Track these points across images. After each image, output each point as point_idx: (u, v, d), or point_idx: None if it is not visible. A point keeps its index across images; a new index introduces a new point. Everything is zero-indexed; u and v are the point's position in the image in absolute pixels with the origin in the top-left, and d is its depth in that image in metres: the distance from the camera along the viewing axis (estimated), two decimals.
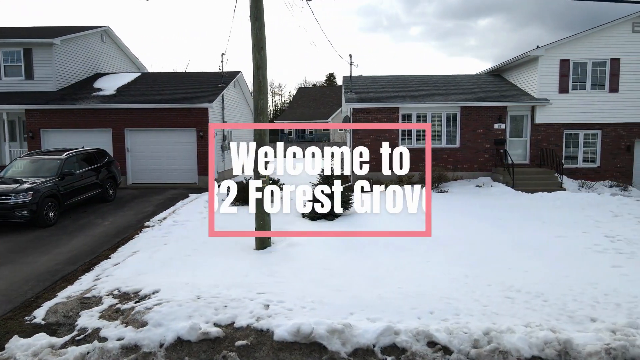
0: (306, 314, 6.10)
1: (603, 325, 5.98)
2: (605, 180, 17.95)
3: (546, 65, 18.03)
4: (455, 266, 8.57)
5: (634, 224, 11.53)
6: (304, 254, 9.47)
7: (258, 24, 9.66)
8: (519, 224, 11.60)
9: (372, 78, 22.12)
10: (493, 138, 18.67)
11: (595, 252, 9.19)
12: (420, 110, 18.73)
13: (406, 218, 12.80)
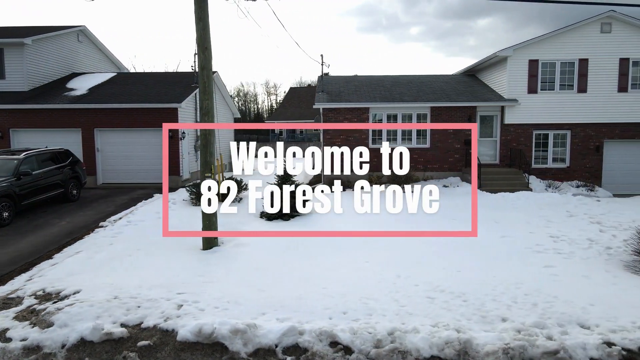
0: (216, 314, 6.13)
1: (511, 325, 6.02)
2: (574, 181, 18.00)
3: (515, 65, 18.07)
4: (391, 267, 8.60)
5: (585, 224, 11.57)
6: (246, 254, 9.49)
7: (202, 25, 9.68)
8: (468, 224, 11.62)
9: (346, 78, 22.15)
10: (463, 138, 18.71)
11: (533, 253, 9.22)
12: (390, 111, 18.76)
13: (370, 218, 12.91)
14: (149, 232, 11.10)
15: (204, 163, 10.04)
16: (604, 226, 11.35)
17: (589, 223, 11.69)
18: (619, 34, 17.73)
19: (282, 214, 12.62)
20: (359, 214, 13.19)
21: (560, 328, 5.93)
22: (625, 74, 17.89)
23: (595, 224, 11.56)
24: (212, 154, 10.11)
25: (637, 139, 18.35)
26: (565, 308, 6.47)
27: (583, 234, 10.49)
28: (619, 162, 18.61)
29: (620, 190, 18.26)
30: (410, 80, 21.55)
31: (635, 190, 18.36)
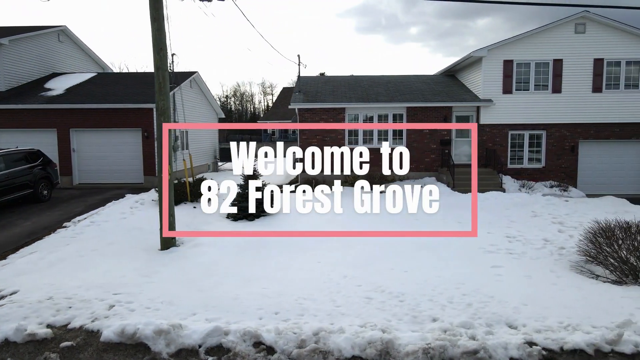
0: (145, 314, 6.14)
1: (440, 325, 6.04)
2: (549, 181, 18.04)
3: (490, 65, 18.11)
4: (341, 267, 8.63)
5: (546, 224, 11.61)
6: (201, 254, 9.51)
7: (157, 25, 9.69)
8: (433, 224, 11.65)
9: (325, 78, 22.17)
10: (439, 138, 18.75)
11: (485, 253, 9.26)
12: (366, 111, 18.79)
13: (334, 217, 12.93)
14: (110, 233, 11.10)
15: (160, 163, 10.05)
16: (564, 226, 11.38)
17: (551, 223, 11.72)
18: (594, 35, 17.78)
19: (247, 214, 12.63)
20: (325, 213, 13.21)
21: (487, 328, 5.95)
22: (600, 74, 17.94)
23: (556, 224, 11.59)
24: (168, 155, 10.11)
25: (611, 139, 18.41)
26: (497, 308, 6.49)
27: (540, 234, 10.52)
28: (594, 162, 18.67)
29: (595, 190, 18.32)
30: (388, 80, 21.58)
31: (610, 190, 18.40)
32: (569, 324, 5.98)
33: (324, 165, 18.87)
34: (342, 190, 16.73)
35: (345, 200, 14.96)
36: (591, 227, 8.64)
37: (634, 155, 18.60)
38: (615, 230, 8.31)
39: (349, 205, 14.10)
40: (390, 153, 18.75)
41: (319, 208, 13.78)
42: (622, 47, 17.75)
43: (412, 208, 13.52)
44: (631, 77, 17.96)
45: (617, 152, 18.60)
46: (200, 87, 24.84)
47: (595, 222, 8.62)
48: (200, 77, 23.83)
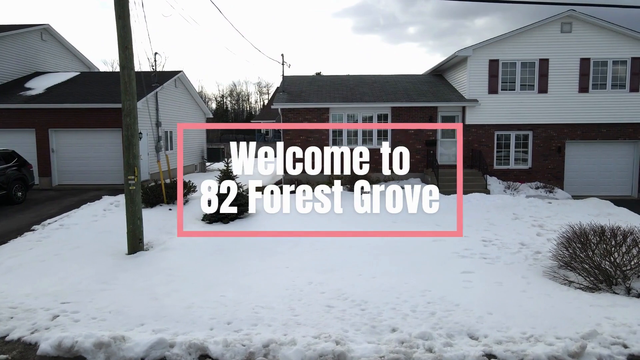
0: (89, 325, 5.86)
1: (398, 336, 5.77)
2: (535, 182, 17.81)
3: (475, 65, 17.86)
4: (309, 271, 8.37)
5: (525, 227, 11.36)
6: (167, 259, 9.24)
7: (122, 23, 9.40)
8: (409, 227, 11.40)
9: (310, 78, 21.90)
10: (424, 139, 18.50)
11: (458, 257, 9.00)
12: (350, 111, 18.53)
13: (317, 218, 12.65)
14: (78, 236, 10.81)
15: (127, 164, 9.77)
16: (544, 229, 11.15)
17: (531, 226, 11.48)
18: (580, 34, 17.55)
19: (222, 215, 12.35)
20: (304, 214, 12.94)
21: (447, 339, 5.69)
22: (586, 74, 17.72)
23: (536, 227, 11.35)
24: (135, 156, 9.83)
25: (598, 140, 18.20)
26: (461, 317, 6.23)
27: (518, 238, 10.27)
28: (581, 163, 18.45)
29: (582, 192, 18.11)
30: (374, 80, 21.32)
31: (597, 192, 18.21)
32: (532, 335, 5.72)
33: (308, 165, 18.58)
34: (323, 191, 16.47)
35: (329, 201, 14.71)
36: (566, 232, 8.38)
37: (621, 156, 18.39)
38: (590, 235, 8.07)
39: (331, 206, 13.83)
40: (391, 154, 18.50)
41: (299, 209, 13.52)
42: (609, 47, 17.53)
43: (392, 209, 13.27)
44: (618, 77, 17.74)
45: (604, 153, 18.39)
46: (186, 87, 24.53)
47: (569, 226, 8.37)
48: (185, 76, 23.52)
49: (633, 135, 18.08)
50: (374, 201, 14.66)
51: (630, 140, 18.20)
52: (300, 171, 18.57)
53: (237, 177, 13.23)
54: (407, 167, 18.58)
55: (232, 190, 12.65)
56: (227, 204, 12.25)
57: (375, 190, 16.66)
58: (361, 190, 16.59)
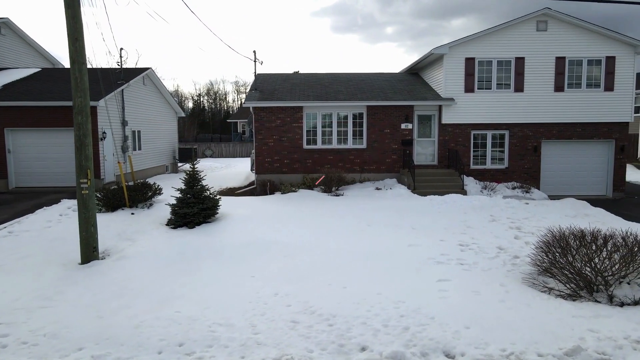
0: (16, 352, 5.16)
1: (367, 356, 5.26)
2: (511, 182, 17.60)
3: (451, 63, 17.54)
4: (276, 281, 7.79)
5: (503, 230, 11.01)
6: (123, 270, 8.51)
7: (71, 12, 8.64)
8: (383, 231, 10.91)
9: (284, 76, 21.27)
10: (400, 138, 18.09)
11: (434, 264, 8.54)
12: (325, 110, 17.99)
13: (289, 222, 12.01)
14: (27, 245, 9.97)
15: (78, 167, 8.99)
16: (521, 232, 10.81)
17: (508, 228, 11.14)
18: (555, 32, 17.40)
19: (188, 221, 11.65)
20: (276, 217, 12.34)
21: (422, 358, 5.19)
22: (562, 73, 17.59)
23: (513, 230, 11.01)
24: (88, 158, 9.06)
25: (574, 140, 18.10)
26: (437, 332, 5.75)
27: (495, 242, 9.89)
28: (557, 162, 18.33)
29: (558, 191, 17.99)
30: (350, 78, 20.83)
31: (572, 192, 18.12)
32: (513, 352, 5.27)
33: (281, 166, 18.00)
34: (298, 192, 15.92)
35: (300, 204, 14.13)
36: (544, 235, 8.01)
37: (596, 155, 18.34)
38: (570, 240, 7.70)
39: (303, 209, 13.28)
40: (367, 154, 18.03)
41: (270, 212, 12.92)
42: (584, 46, 17.44)
43: (367, 212, 12.79)
44: (592, 76, 17.66)
45: (580, 153, 18.31)
46: (155, 85, 23.60)
47: (549, 230, 7.99)
48: (154, 73, 22.60)
49: (607, 134, 18.05)
50: (349, 203, 14.16)
51: (605, 140, 18.16)
52: (274, 172, 17.99)
53: (205, 178, 12.52)
54: (383, 167, 18.22)
55: (198, 193, 11.97)
56: (193, 207, 11.56)
57: (350, 192, 16.19)
58: (336, 192, 16.11)
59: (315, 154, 18.03)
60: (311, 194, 15.93)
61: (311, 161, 18.00)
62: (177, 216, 11.79)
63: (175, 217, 11.83)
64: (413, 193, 15.61)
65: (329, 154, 18.05)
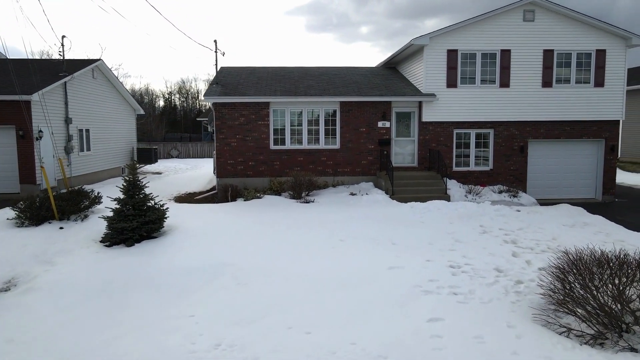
0: None
1: None
2: (497, 185, 16.21)
3: (432, 55, 16.02)
4: (220, 324, 6.02)
5: (497, 244, 9.47)
6: (26, 307, 6.59)
7: None
8: (359, 247, 9.23)
9: (250, 69, 19.41)
10: (377, 138, 16.48)
11: (422, 293, 6.89)
12: (294, 106, 16.23)
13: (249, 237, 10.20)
14: None
15: None
16: (519, 246, 9.30)
17: (503, 242, 9.61)
18: (543, 23, 16.09)
19: (126, 237, 9.72)
20: (234, 231, 10.54)
21: None
22: (550, 67, 16.29)
23: (509, 244, 9.49)
24: None
25: (562, 139, 16.84)
26: None
27: (491, 261, 8.32)
28: (544, 164, 17.05)
29: (545, 195, 16.73)
30: (322, 72, 19.12)
31: (561, 194, 16.89)
32: None
33: (246, 169, 16.16)
34: (263, 198, 14.13)
35: (264, 213, 12.34)
36: (558, 258, 6.47)
37: (585, 156, 17.14)
38: (591, 265, 6.18)
39: (267, 220, 11.50)
40: (340, 155, 16.32)
41: (228, 225, 11.10)
42: (573, 38, 16.18)
43: (340, 222, 11.10)
44: (582, 71, 16.43)
45: (568, 153, 17.07)
46: (108, 79, 21.37)
47: (564, 252, 6.45)
48: (105, 66, 20.39)
49: (597, 133, 16.86)
50: (320, 211, 12.45)
51: (594, 140, 16.97)
52: (237, 175, 16.14)
53: (148, 186, 10.59)
54: (359, 169, 16.58)
55: (139, 203, 10.06)
56: (132, 221, 9.64)
57: (322, 197, 14.49)
58: (305, 198, 14.38)
59: (283, 155, 16.25)
60: (278, 200, 14.16)
61: (279, 163, 16.22)
62: (113, 231, 9.86)
63: (111, 232, 9.90)
64: (391, 199, 14.01)
65: (298, 155, 16.30)
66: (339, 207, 12.98)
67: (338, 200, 13.99)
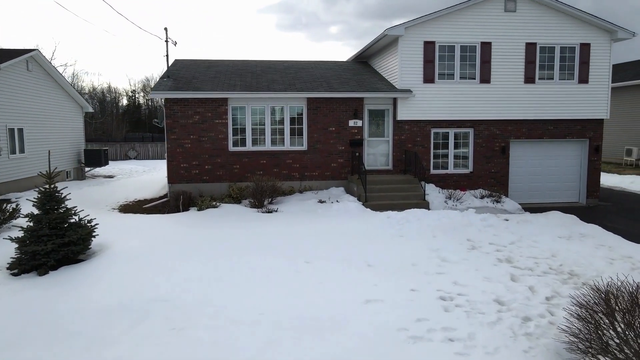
0: None
1: None
2: (478, 189, 14.93)
3: (408, 47, 14.60)
4: None
5: (490, 263, 8.05)
6: None
7: None
8: (327, 271, 7.62)
9: (207, 62, 17.53)
10: (348, 138, 14.94)
11: (410, 342, 5.33)
12: (256, 103, 14.50)
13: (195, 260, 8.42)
14: None
15: None
16: (516, 267, 7.90)
17: (496, 261, 8.19)
18: (525, 14, 14.90)
19: (39, 263, 7.81)
20: (177, 253, 8.77)
21: None
22: (533, 61, 15.12)
23: (504, 264, 8.09)
24: None
25: (545, 139, 15.73)
26: None
27: (489, 288, 6.86)
28: (526, 165, 15.90)
29: (528, 199, 15.59)
30: (288, 66, 17.44)
31: (544, 199, 15.80)
32: None
33: (201, 173, 14.33)
34: (220, 207, 12.36)
35: (219, 226, 10.58)
36: (583, 295, 5.03)
37: (568, 157, 16.09)
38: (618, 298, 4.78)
39: (221, 236, 9.75)
40: (308, 158, 14.66)
41: (170, 243, 9.30)
42: (557, 30, 15.07)
43: (305, 238, 9.48)
44: (566, 66, 15.34)
45: (551, 154, 15.98)
46: (48, 72, 19.05)
47: (594, 288, 5.01)
48: (42, 57, 18.10)
49: (581, 133, 15.83)
50: (283, 223, 10.79)
51: (578, 140, 15.94)
52: (192, 181, 14.30)
53: (69, 197, 8.67)
54: (328, 173, 15.01)
55: (57, 221, 8.15)
56: (46, 244, 7.74)
57: (287, 206, 12.84)
58: (268, 207, 12.68)
59: (244, 157, 14.50)
60: (236, 209, 12.42)
61: (239, 167, 14.46)
62: (24, 255, 7.92)
63: (23, 256, 7.96)
64: (365, 207, 12.49)
65: (261, 157, 14.58)
66: (305, 217, 11.35)
67: (305, 209, 12.36)
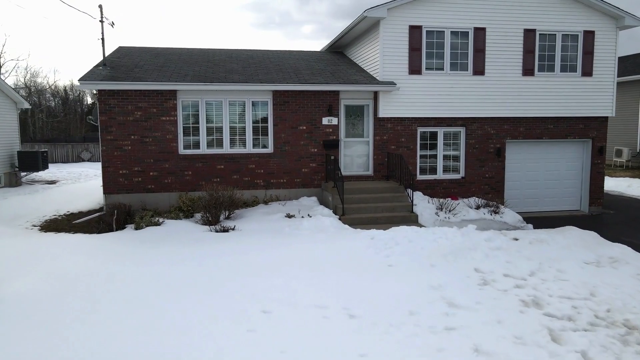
0: None
1: None
2: (472, 198, 12.94)
3: (391, 32, 12.50)
4: None
5: (514, 307, 5.94)
6: None
7: None
8: (294, 329, 5.35)
9: (156, 50, 15.00)
10: (322, 139, 12.73)
11: None
12: (211, 96, 12.12)
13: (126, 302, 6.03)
14: None
15: None
16: (549, 314, 5.82)
17: (522, 305, 6.10)
18: None
19: None
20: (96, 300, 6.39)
21: None
22: (532, 50, 13.25)
23: (532, 309, 6.00)
24: None
25: (544, 139, 13.89)
26: None
27: (520, 354, 4.73)
28: (524, 169, 14.04)
29: (526, 207, 13.73)
30: (251, 55, 15.09)
31: (543, 206, 14.00)
32: None
33: (145, 181, 11.88)
34: (163, 225, 9.96)
35: (155, 255, 8.18)
36: None
37: (569, 160, 14.30)
38: None
39: (155, 269, 7.39)
40: (274, 162, 12.35)
41: (83, 285, 6.88)
42: (558, 15, 13.23)
43: (266, 271, 7.21)
44: (568, 57, 13.53)
45: (551, 156, 14.16)
46: None
47: None
48: None
49: (583, 132, 14.06)
50: (240, 249, 8.47)
51: (580, 140, 14.17)
52: (134, 190, 11.83)
53: None
54: (298, 180, 12.77)
55: None
56: None
57: (247, 222, 10.53)
58: (224, 223, 10.31)
59: (197, 162, 12.11)
60: (184, 227, 10.04)
61: (191, 173, 12.06)
62: None
63: None
64: (342, 222, 10.30)
65: (218, 162, 12.22)
66: (268, 239, 9.05)
67: (269, 226, 10.05)
